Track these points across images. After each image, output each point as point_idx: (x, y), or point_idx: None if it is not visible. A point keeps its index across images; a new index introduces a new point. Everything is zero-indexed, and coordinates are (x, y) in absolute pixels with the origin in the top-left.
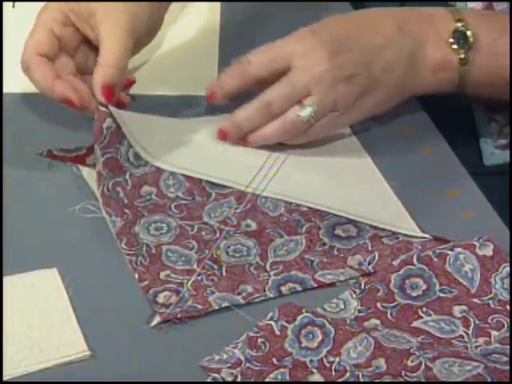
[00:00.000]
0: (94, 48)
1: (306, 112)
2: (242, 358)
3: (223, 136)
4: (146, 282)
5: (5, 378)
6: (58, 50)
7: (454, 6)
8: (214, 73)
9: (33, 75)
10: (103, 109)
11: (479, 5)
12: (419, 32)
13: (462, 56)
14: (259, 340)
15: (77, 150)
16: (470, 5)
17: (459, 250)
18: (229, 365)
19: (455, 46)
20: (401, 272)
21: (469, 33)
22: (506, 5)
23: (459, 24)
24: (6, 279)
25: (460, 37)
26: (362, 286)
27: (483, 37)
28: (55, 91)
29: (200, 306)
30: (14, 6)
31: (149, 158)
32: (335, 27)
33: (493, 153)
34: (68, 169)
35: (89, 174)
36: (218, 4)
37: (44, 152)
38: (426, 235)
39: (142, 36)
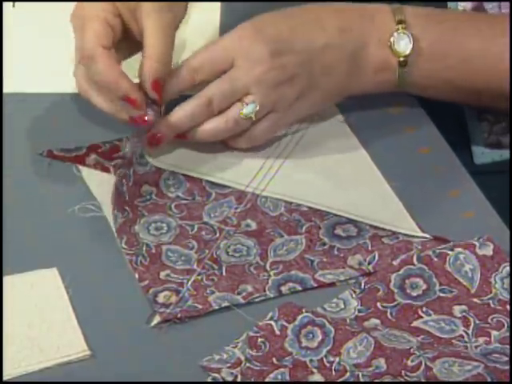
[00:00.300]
0: (129, 44)
1: (248, 109)
2: (242, 358)
3: (157, 141)
4: (146, 282)
5: (5, 378)
6: (112, 42)
7: (445, 5)
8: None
9: (98, 66)
10: None
11: (469, 4)
12: (361, 32)
13: (402, 58)
14: (259, 340)
15: (77, 149)
16: (461, 4)
17: (459, 249)
18: (229, 364)
19: (394, 50)
20: (401, 272)
21: (409, 35)
22: (496, 4)
23: (400, 26)
24: (6, 279)
25: (400, 40)
26: (362, 286)
27: (424, 38)
28: (120, 86)
29: (200, 306)
30: (14, 6)
31: (149, 159)
32: (278, 25)
33: (483, 152)
34: (68, 169)
35: (88, 175)
36: (218, 4)
37: (44, 152)
38: (426, 235)
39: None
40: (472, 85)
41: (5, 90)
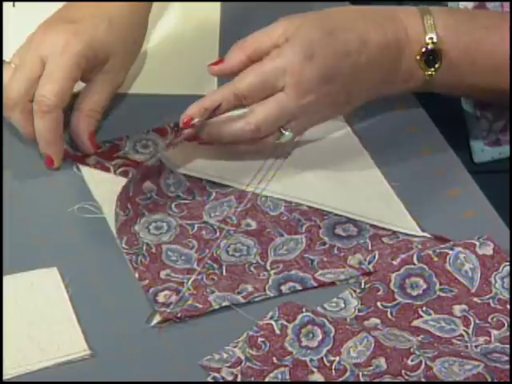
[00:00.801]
0: None
1: (286, 137)
2: (242, 357)
3: (191, 121)
4: (146, 282)
5: (5, 377)
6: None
7: (445, 5)
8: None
9: (44, 123)
10: None
11: (470, 4)
12: (397, 47)
13: (429, 73)
14: (259, 339)
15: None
16: (462, 4)
17: (459, 249)
18: (229, 364)
19: (424, 66)
20: (401, 271)
21: (438, 52)
22: (498, 4)
23: (430, 41)
24: (7, 278)
25: (430, 55)
26: (362, 286)
27: (453, 51)
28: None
29: (200, 306)
30: (14, 6)
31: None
32: (326, 49)
33: (483, 150)
34: (68, 169)
35: (88, 174)
36: (218, 4)
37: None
38: (427, 234)
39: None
40: (497, 86)
41: None
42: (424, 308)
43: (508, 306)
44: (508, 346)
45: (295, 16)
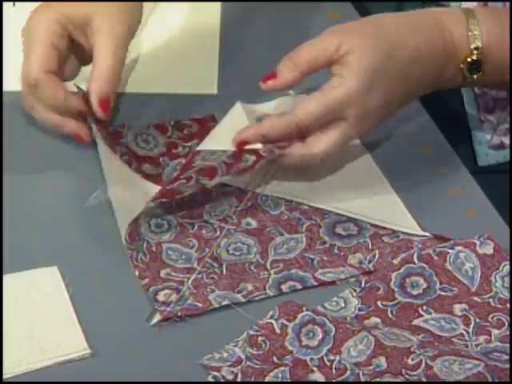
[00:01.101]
0: (81, 55)
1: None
2: (243, 357)
3: (244, 145)
4: (146, 280)
5: (5, 377)
6: (58, 62)
7: (447, 5)
8: (214, 72)
9: (44, 91)
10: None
11: (474, 4)
12: (444, 62)
13: (471, 80)
14: (260, 338)
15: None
16: (465, 4)
17: (460, 248)
18: (229, 363)
19: (467, 73)
20: (401, 270)
21: (482, 62)
22: (500, 4)
23: (475, 51)
24: (7, 277)
25: (473, 64)
26: (363, 285)
27: (495, 60)
28: (69, 105)
29: (200, 305)
30: (14, 5)
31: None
32: (387, 77)
33: (487, 153)
34: (67, 167)
35: (101, 145)
36: (219, 4)
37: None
38: (427, 233)
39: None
40: None
41: (5, 88)
42: (424, 307)
43: (508, 305)
44: (508, 345)
45: (347, 28)
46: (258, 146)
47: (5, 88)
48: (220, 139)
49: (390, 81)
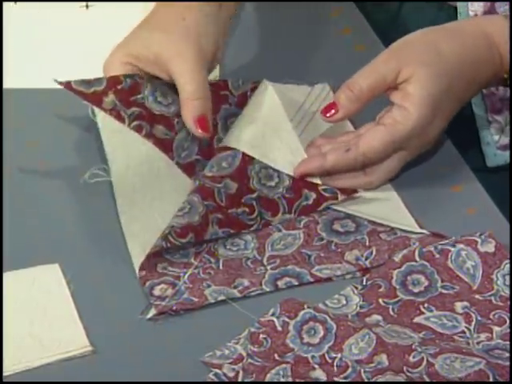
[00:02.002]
0: None
1: None
2: (244, 354)
3: (306, 176)
4: (144, 273)
5: (6, 374)
6: None
7: (454, 6)
8: (215, 71)
9: None
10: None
11: (481, 5)
12: (492, 80)
13: (508, 86)
14: (261, 336)
15: (97, 82)
16: (472, 7)
17: (461, 246)
18: (230, 360)
19: (508, 82)
20: (402, 268)
21: None
22: (508, 6)
23: None
24: (8, 274)
25: None
26: (364, 282)
27: None
28: None
29: (196, 299)
30: (15, 3)
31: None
32: (448, 108)
33: (496, 154)
34: (68, 166)
35: (103, 120)
36: None
37: (63, 83)
38: (424, 231)
39: (212, 57)
40: None
41: (5, 85)
42: (426, 305)
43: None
44: (509, 342)
45: (405, 53)
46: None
47: (5, 85)
48: (255, 122)
49: (449, 111)
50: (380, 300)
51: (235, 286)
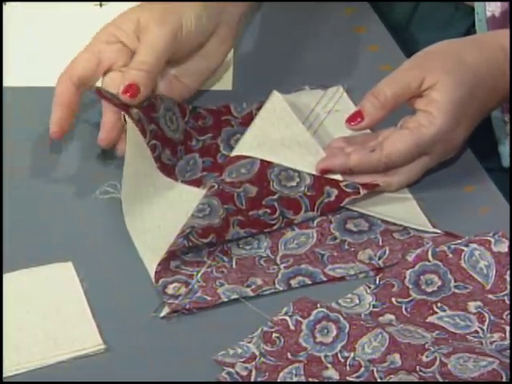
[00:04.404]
0: None
1: None
2: (257, 353)
3: (328, 172)
4: (157, 272)
5: (20, 371)
6: (95, 71)
7: (470, 6)
8: (229, 68)
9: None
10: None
11: (498, 5)
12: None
13: None
14: (274, 335)
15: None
16: (489, 7)
17: (474, 246)
18: (243, 359)
19: None
20: (416, 268)
21: None
22: None
23: None
24: (22, 272)
25: None
26: (377, 282)
27: None
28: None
29: (209, 298)
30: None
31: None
32: (471, 116)
33: (509, 155)
34: (77, 162)
35: (132, 129)
36: None
37: (94, 89)
38: (437, 230)
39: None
40: None
41: (5, 83)
42: (439, 304)
43: None
44: None
45: (430, 62)
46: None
47: (5, 84)
48: (266, 132)
49: (470, 118)
50: (393, 299)
51: (248, 284)
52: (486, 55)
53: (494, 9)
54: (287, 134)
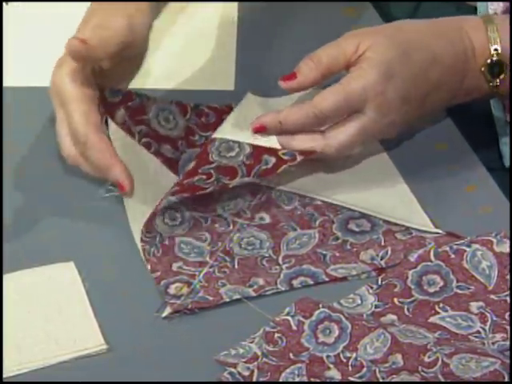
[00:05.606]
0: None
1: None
2: (259, 353)
3: (262, 129)
4: (158, 273)
5: (21, 371)
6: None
7: (472, 6)
8: (231, 69)
9: (93, 153)
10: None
11: (500, 5)
12: (464, 67)
13: (494, 84)
14: (276, 335)
15: (114, 93)
16: (492, 6)
17: (476, 246)
18: (245, 359)
19: (489, 76)
20: (418, 268)
21: (503, 63)
22: None
23: (495, 53)
24: (24, 272)
25: (494, 67)
26: (379, 282)
27: None
28: (111, 173)
29: (211, 298)
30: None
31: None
32: (405, 73)
33: (509, 154)
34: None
35: (115, 132)
36: (235, 3)
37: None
38: (439, 230)
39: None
40: None
41: (5, 83)
42: (441, 304)
43: None
44: None
45: (365, 31)
46: (275, 141)
47: (5, 84)
48: (235, 129)
49: (407, 75)
50: (395, 300)
51: (250, 285)
52: (430, 26)
53: (496, 7)
54: (244, 115)
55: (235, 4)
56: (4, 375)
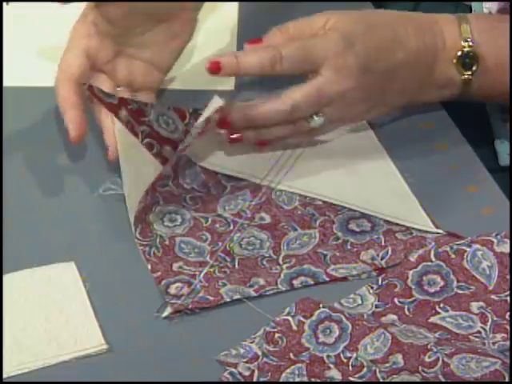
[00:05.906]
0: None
1: (317, 122)
2: (259, 353)
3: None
4: (159, 273)
5: (22, 372)
6: (87, 67)
7: (469, 5)
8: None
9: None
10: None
11: (495, 4)
12: (433, 51)
13: (466, 77)
14: (276, 335)
15: (111, 96)
16: (486, 5)
17: (477, 246)
18: (246, 359)
19: (461, 68)
20: (418, 268)
21: (475, 55)
22: None
23: (466, 43)
24: (25, 272)
25: (466, 58)
26: (380, 282)
27: (490, 56)
28: (65, 115)
29: (211, 298)
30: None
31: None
32: (367, 42)
33: (508, 153)
34: (78, 161)
35: (121, 130)
36: (236, 3)
37: (86, 85)
38: (440, 230)
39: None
40: None
41: (5, 83)
42: (441, 304)
43: None
44: None
45: (336, 11)
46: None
47: (5, 83)
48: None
49: (369, 45)
50: (395, 300)
51: (251, 285)
52: (406, 16)
53: (491, 6)
54: None
55: (235, 4)
56: (4, 375)
